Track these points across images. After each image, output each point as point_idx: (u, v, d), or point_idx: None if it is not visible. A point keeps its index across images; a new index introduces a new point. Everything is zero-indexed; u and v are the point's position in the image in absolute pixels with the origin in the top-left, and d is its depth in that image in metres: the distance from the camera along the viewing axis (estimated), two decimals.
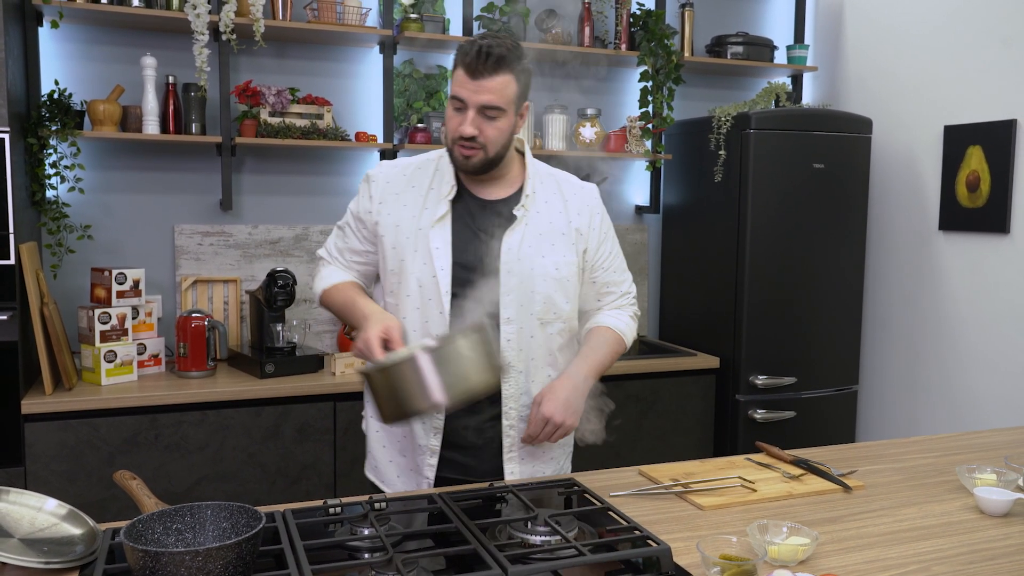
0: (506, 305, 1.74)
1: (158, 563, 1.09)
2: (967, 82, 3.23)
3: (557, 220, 1.80)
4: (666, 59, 3.48)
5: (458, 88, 1.66)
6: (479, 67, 1.63)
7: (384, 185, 1.81)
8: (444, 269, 1.72)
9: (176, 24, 2.91)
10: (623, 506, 1.59)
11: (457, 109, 1.68)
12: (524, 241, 1.76)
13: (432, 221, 1.74)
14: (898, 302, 3.57)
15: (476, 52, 1.63)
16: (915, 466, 1.89)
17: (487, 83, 1.63)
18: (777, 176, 3.32)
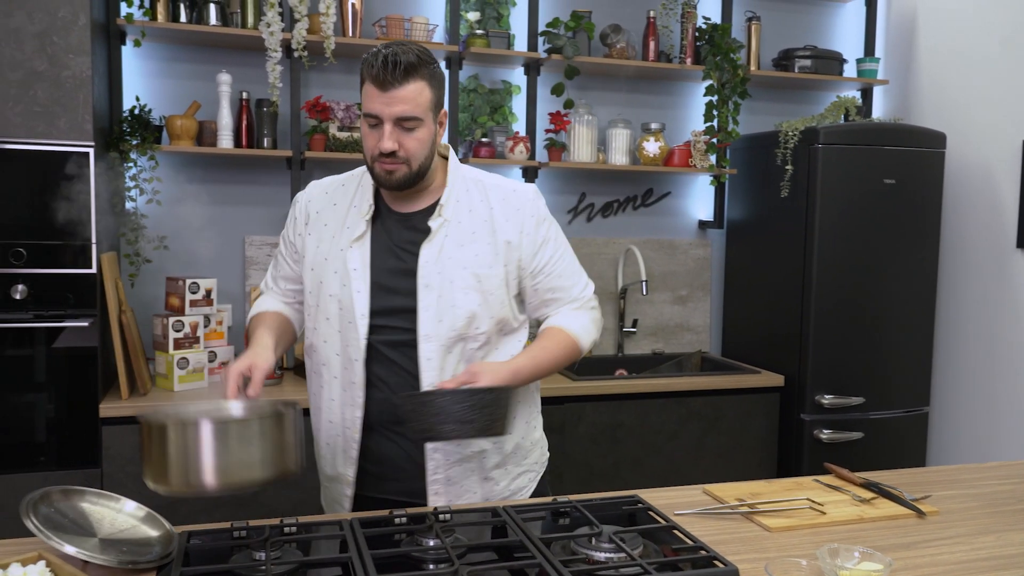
0: (424, 321, 1.64)
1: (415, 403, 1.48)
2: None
3: (481, 229, 1.69)
4: (732, 73, 3.45)
5: (369, 103, 1.58)
6: (387, 78, 1.54)
7: (307, 206, 1.77)
8: (361, 291, 1.65)
9: (250, 42, 3.00)
10: (688, 525, 1.57)
11: (372, 126, 1.60)
12: (443, 252, 1.66)
13: (350, 241, 1.68)
14: (973, 321, 3.46)
15: (383, 62, 1.54)
16: (992, 492, 1.83)
17: (398, 93, 1.55)
18: (846, 191, 3.26)
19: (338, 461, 1.74)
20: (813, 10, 3.91)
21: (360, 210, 1.70)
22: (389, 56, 1.55)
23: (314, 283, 1.72)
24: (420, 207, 1.71)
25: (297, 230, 1.77)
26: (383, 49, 1.57)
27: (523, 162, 3.30)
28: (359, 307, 1.65)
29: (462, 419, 1.46)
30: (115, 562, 1.30)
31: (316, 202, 1.77)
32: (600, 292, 3.67)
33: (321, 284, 1.70)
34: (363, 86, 1.60)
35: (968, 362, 3.49)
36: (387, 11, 3.27)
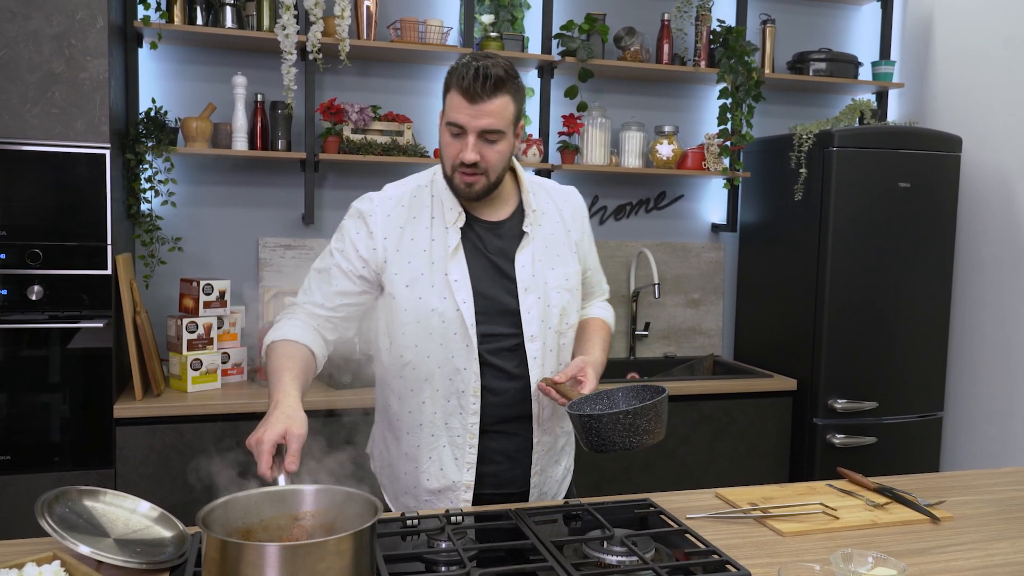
0: (528, 323, 1.70)
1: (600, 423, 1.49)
2: None
3: (557, 230, 1.79)
4: (746, 76, 3.44)
5: (455, 113, 1.59)
6: (477, 90, 1.56)
7: (385, 220, 1.70)
8: (467, 302, 1.66)
9: (266, 44, 3.02)
10: (700, 529, 1.57)
11: (455, 135, 1.61)
12: (535, 257, 1.73)
13: (446, 252, 1.68)
14: (988, 326, 3.44)
15: (473, 75, 1.56)
16: (1008, 498, 1.82)
17: (486, 106, 1.57)
18: (861, 195, 3.24)
19: (450, 471, 1.73)
20: (828, 13, 3.90)
21: (445, 220, 1.70)
22: (480, 69, 1.56)
23: (411, 300, 1.68)
24: (505, 214, 1.75)
25: (373, 244, 1.69)
26: (473, 61, 1.58)
27: (536, 164, 3.30)
28: (467, 318, 1.67)
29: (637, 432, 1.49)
30: (129, 562, 1.30)
31: (396, 216, 1.71)
32: (612, 295, 3.64)
33: (420, 300, 1.67)
34: (447, 94, 1.61)
35: (983, 367, 3.46)
36: (402, 14, 3.28)
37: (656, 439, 1.52)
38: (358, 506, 1.31)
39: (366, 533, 1.18)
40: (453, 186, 1.66)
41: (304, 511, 1.34)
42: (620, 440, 1.48)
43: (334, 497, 1.34)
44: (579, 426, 1.52)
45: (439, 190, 1.72)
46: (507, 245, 1.72)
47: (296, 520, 1.34)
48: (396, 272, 1.69)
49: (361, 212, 1.72)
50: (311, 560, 1.12)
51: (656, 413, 1.50)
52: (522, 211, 1.75)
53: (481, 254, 1.71)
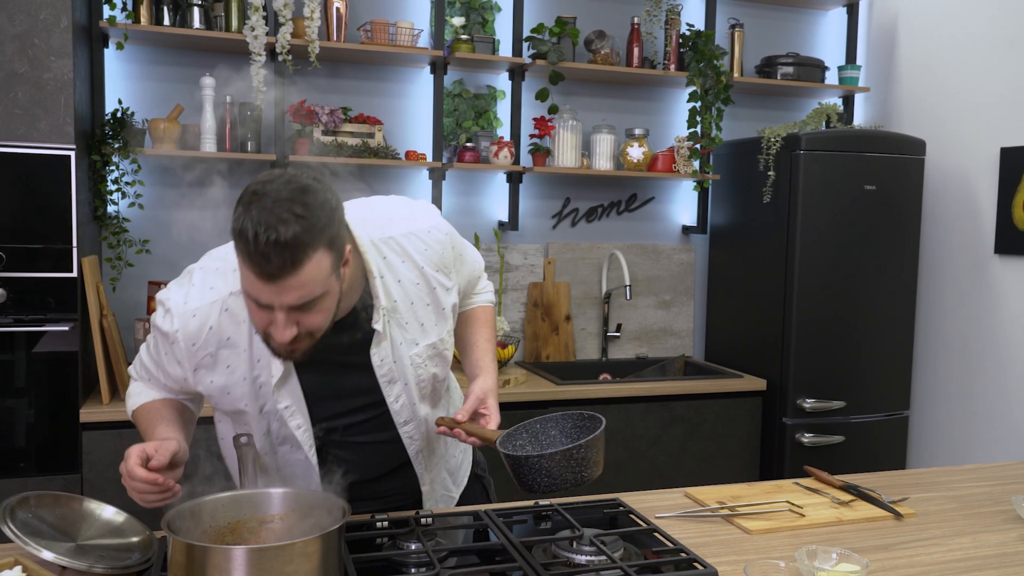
0: (398, 412, 1.52)
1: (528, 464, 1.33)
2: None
3: (419, 298, 1.51)
4: (715, 80, 3.48)
5: (253, 291, 1.24)
6: (273, 270, 1.19)
7: (190, 350, 1.41)
8: (302, 427, 1.46)
9: (234, 46, 3.00)
10: (669, 528, 1.58)
11: (261, 306, 1.26)
12: (393, 345, 1.48)
13: (272, 379, 1.42)
14: (952, 326, 3.50)
15: (260, 252, 1.18)
16: (969, 495, 1.85)
17: (291, 282, 1.21)
18: (827, 197, 3.28)
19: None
20: (796, 18, 3.94)
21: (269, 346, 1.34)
22: (269, 239, 1.17)
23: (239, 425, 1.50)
24: (347, 308, 1.43)
25: (181, 373, 1.45)
26: (254, 224, 1.18)
27: (507, 167, 3.31)
28: (304, 443, 1.48)
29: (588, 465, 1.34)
30: (93, 567, 1.29)
31: (204, 343, 1.41)
32: (584, 297, 3.69)
33: (248, 425, 1.48)
34: (238, 256, 1.23)
35: (947, 366, 3.52)
36: (372, 15, 3.28)
37: (599, 471, 1.37)
38: (325, 508, 1.31)
39: (334, 535, 1.18)
40: (271, 349, 1.33)
41: (272, 514, 1.34)
42: (571, 476, 1.32)
43: (302, 500, 1.34)
44: (524, 469, 1.33)
45: None
46: (356, 341, 1.45)
47: (264, 523, 1.34)
48: (217, 403, 1.49)
49: (165, 335, 1.42)
50: (278, 563, 1.12)
51: (601, 443, 1.37)
52: (369, 297, 1.46)
53: (325, 363, 1.44)
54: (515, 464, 1.34)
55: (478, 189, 3.52)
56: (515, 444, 1.46)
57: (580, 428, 1.46)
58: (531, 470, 1.33)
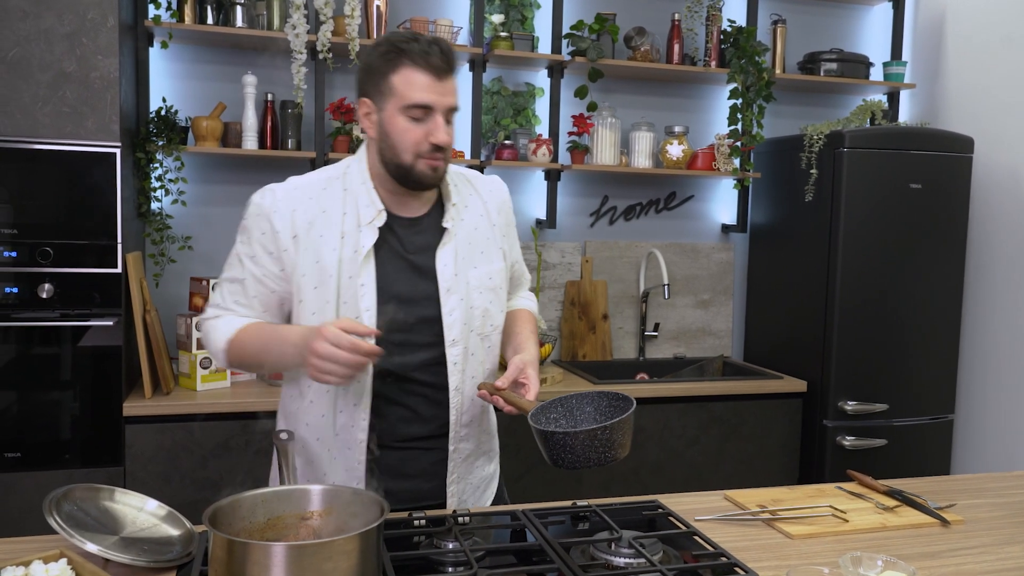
0: (449, 326, 1.58)
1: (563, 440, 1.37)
2: None
3: (481, 224, 1.66)
4: (757, 76, 3.43)
5: (420, 93, 1.47)
6: (443, 66, 1.48)
7: (290, 215, 1.54)
8: (369, 310, 1.53)
9: (276, 44, 3.02)
10: (709, 531, 1.56)
11: (417, 119, 1.49)
12: (457, 254, 1.60)
13: (356, 253, 1.53)
14: (999, 328, 3.41)
15: (439, 51, 1.48)
16: (1019, 502, 1.80)
17: (451, 83, 1.51)
18: (871, 196, 3.22)
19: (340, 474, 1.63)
20: (839, 13, 3.88)
21: (359, 217, 1.55)
22: (439, 45, 1.48)
23: (319, 303, 1.55)
24: (424, 208, 1.61)
25: (281, 245, 1.54)
26: (419, 37, 1.48)
27: (546, 164, 3.29)
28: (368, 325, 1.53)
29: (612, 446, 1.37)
30: (135, 560, 1.31)
31: (303, 211, 1.55)
32: (622, 296, 3.66)
33: (327, 304, 1.54)
34: (395, 75, 1.48)
35: (994, 369, 3.43)
36: (412, 13, 3.28)
37: (625, 453, 1.40)
38: (365, 505, 1.31)
39: (373, 533, 1.18)
40: (416, 175, 1.52)
41: (311, 510, 1.34)
42: (595, 456, 1.36)
43: (341, 496, 1.34)
44: (550, 444, 1.38)
45: (353, 184, 1.57)
46: (427, 242, 1.59)
47: (303, 519, 1.34)
48: (304, 273, 1.55)
49: (261, 208, 1.56)
50: (317, 560, 1.12)
51: (629, 425, 1.39)
52: (442, 204, 1.62)
53: (398, 255, 1.58)
54: (542, 438, 1.40)
55: (516, 187, 3.51)
56: (548, 417, 1.50)
57: (614, 408, 1.50)
58: (556, 446, 1.38)
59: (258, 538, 1.28)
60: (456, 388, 1.61)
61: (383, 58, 1.49)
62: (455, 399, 1.62)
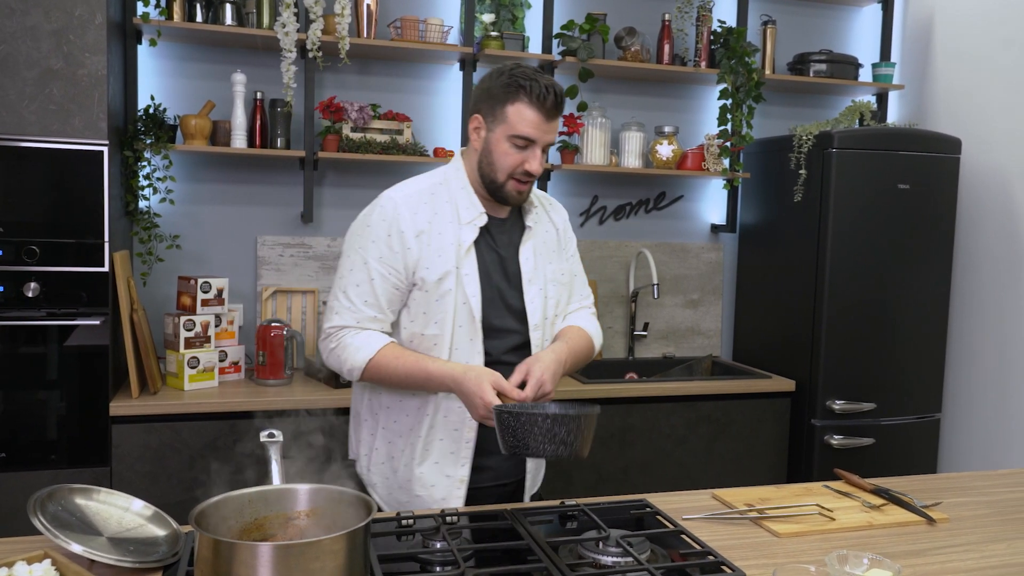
0: (532, 312, 1.81)
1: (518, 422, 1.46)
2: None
3: (549, 230, 1.90)
4: (747, 77, 3.44)
5: (527, 128, 1.67)
6: (552, 108, 1.68)
7: (412, 217, 1.74)
8: (476, 296, 1.74)
9: (265, 42, 3.01)
10: (696, 530, 1.56)
11: (519, 147, 1.70)
12: (536, 250, 1.84)
13: (462, 248, 1.74)
14: (986, 327, 3.43)
15: (553, 96, 1.67)
16: (1004, 500, 1.81)
17: (555, 123, 1.71)
18: (860, 196, 3.23)
19: (445, 465, 1.79)
20: (829, 14, 3.89)
21: (461, 218, 1.76)
22: (555, 89, 1.68)
23: (440, 292, 1.73)
24: (506, 212, 1.84)
25: (406, 243, 1.73)
26: (541, 79, 1.67)
27: None
28: (475, 311, 1.74)
29: (559, 440, 1.45)
30: (121, 561, 1.30)
31: (422, 212, 1.76)
32: (611, 295, 3.67)
33: (448, 292, 1.73)
34: (510, 106, 1.68)
35: (981, 369, 3.45)
36: (402, 12, 3.28)
37: (574, 454, 1.46)
38: (352, 506, 1.30)
39: (360, 533, 1.18)
40: (503, 192, 1.74)
41: (298, 510, 1.34)
42: (535, 445, 1.45)
43: (329, 496, 1.34)
44: (498, 423, 1.50)
45: (455, 190, 1.78)
46: (512, 239, 1.82)
47: (290, 519, 1.34)
48: (428, 267, 1.73)
49: (387, 214, 1.75)
50: (304, 560, 1.12)
51: (576, 426, 1.45)
52: (519, 209, 1.85)
53: (491, 248, 1.79)
54: (496, 420, 1.50)
55: None
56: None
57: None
58: (504, 427, 1.48)
59: (245, 538, 1.27)
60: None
61: (504, 88, 1.69)
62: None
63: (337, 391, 2.82)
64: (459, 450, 1.78)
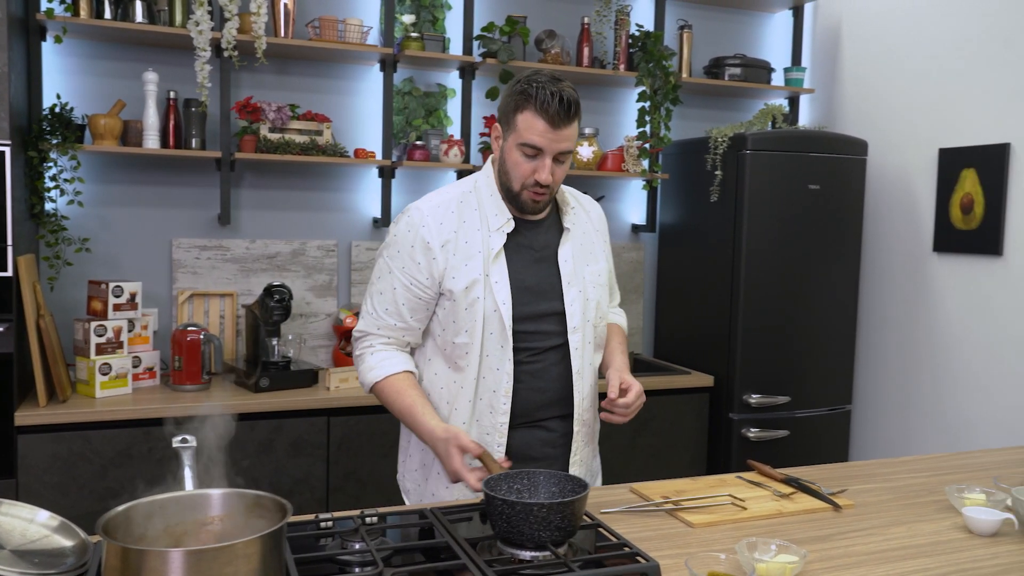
0: (572, 315, 1.78)
1: (513, 510, 1.37)
2: (961, 106, 3.27)
3: (588, 231, 1.88)
4: (664, 80, 3.52)
5: (534, 136, 1.64)
6: (561, 116, 1.63)
7: (438, 228, 1.74)
8: (506, 303, 1.72)
9: (178, 40, 2.94)
10: (614, 523, 1.59)
11: (529, 156, 1.67)
12: (575, 252, 1.82)
13: (491, 255, 1.73)
14: (892, 322, 3.58)
15: (559, 102, 1.62)
16: (905, 485, 1.90)
17: (565, 131, 1.65)
18: (773, 197, 3.34)
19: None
20: (743, 20, 4.01)
21: (490, 225, 1.75)
22: (564, 96, 1.62)
23: (469, 300, 1.72)
24: (544, 213, 1.81)
25: (431, 254, 1.72)
26: (550, 86, 1.63)
27: (457, 165, 3.30)
28: (505, 319, 1.72)
29: (554, 527, 1.38)
30: (25, 573, 1.25)
31: (448, 222, 1.74)
32: None
33: (477, 300, 1.72)
34: (518, 115, 1.65)
35: (887, 361, 3.61)
36: (320, 12, 3.24)
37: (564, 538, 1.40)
38: (268, 509, 1.29)
39: (275, 536, 1.16)
40: (519, 202, 1.72)
41: (212, 515, 1.31)
42: (530, 532, 1.37)
43: (243, 500, 1.32)
44: (489, 509, 1.41)
45: (483, 197, 1.77)
46: (550, 240, 1.81)
47: (204, 525, 1.31)
48: (454, 276, 1.72)
49: (412, 224, 1.75)
50: (217, 564, 1.10)
51: (571, 511, 1.39)
52: (557, 210, 1.84)
53: (528, 249, 1.78)
54: (489, 507, 1.41)
55: (428, 187, 3.50)
56: (502, 486, 1.51)
57: (567, 488, 1.51)
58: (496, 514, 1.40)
59: (156, 546, 1.24)
60: (578, 372, 1.79)
61: (514, 96, 1.67)
62: (578, 383, 1.79)
63: (257, 395, 2.77)
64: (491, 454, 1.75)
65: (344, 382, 2.92)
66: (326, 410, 2.82)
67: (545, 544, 1.38)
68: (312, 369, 2.98)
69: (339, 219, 3.36)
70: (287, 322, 3.16)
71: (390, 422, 2.92)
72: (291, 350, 3.07)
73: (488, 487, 1.46)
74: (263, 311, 2.94)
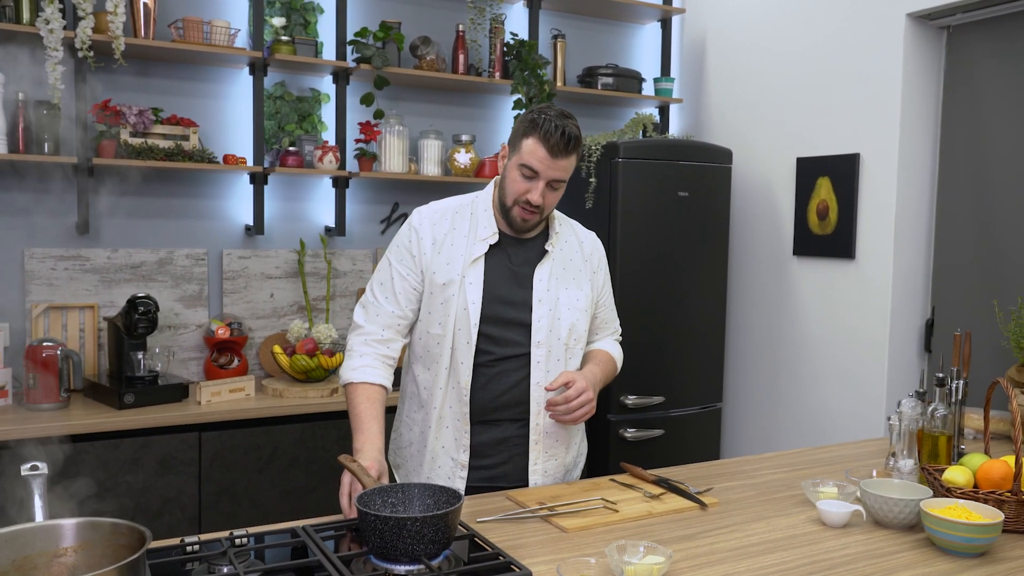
0: (537, 330, 1.93)
1: (386, 525, 1.37)
2: (817, 117, 3.46)
3: (575, 257, 2.04)
4: (539, 88, 3.57)
5: (533, 160, 1.83)
6: (560, 148, 1.81)
7: (431, 228, 1.95)
8: (475, 303, 1.90)
9: (27, 39, 2.77)
10: (489, 531, 1.60)
11: (526, 176, 1.85)
12: (552, 274, 1.97)
13: (471, 260, 1.91)
14: (757, 323, 3.76)
15: (560, 135, 1.80)
16: (767, 482, 1.99)
17: (562, 162, 1.84)
18: (645, 203, 3.44)
19: (451, 449, 1.95)
20: (615, 30, 4.11)
21: (479, 235, 1.94)
22: (566, 131, 1.81)
23: (446, 295, 1.91)
24: (533, 234, 1.99)
25: (423, 249, 1.93)
26: (556, 119, 1.82)
27: (333, 172, 3.25)
28: (472, 316, 1.89)
29: (428, 540, 1.37)
30: None
31: (440, 226, 1.96)
32: None
33: (452, 297, 1.91)
34: (524, 139, 1.84)
35: (754, 360, 3.78)
36: (184, 12, 3.12)
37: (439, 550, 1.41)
38: (126, 536, 1.23)
39: (131, 567, 1.12)
40: (509, 217, 1.91)
41: (64, 547, 1.25)
42: (403, 547, 1.37)
43: (98, 529, 1.26)
44: (362, 524, 1.41)
45: (478, 211, 1.97)
46: (530, 259, 1.97)
47: (56, 557, 1.24)
48: (435, 272, 1.92)
49: (412, 222, 1.97)
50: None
51: (445, 524, 1.40)
52: (546, 234, 2.00)
53: (505, 264, 1.95)
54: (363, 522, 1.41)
55: (303, 194, 3.43)
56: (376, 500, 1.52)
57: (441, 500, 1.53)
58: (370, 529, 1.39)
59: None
60: (537, 383, 1.93)
61: (525, 123, 1.86)
62: (535, 393, 1.93)
63: (122, 412, 2.64)
64: (460, 438, 1.93)
65: (216, 395, 2.82)
66: (197, 425, 2.72)
67: (419, 557, 1.38)
68: (182, 383, 2.86)
69: (209, 227, 3.24)
70: (154, 334, 3.02)
71: (265, 435, 2.84)
72: (159, 364, 2.94)
73: (361, 503, 1.44)
74: (127, 323, 2.80)
